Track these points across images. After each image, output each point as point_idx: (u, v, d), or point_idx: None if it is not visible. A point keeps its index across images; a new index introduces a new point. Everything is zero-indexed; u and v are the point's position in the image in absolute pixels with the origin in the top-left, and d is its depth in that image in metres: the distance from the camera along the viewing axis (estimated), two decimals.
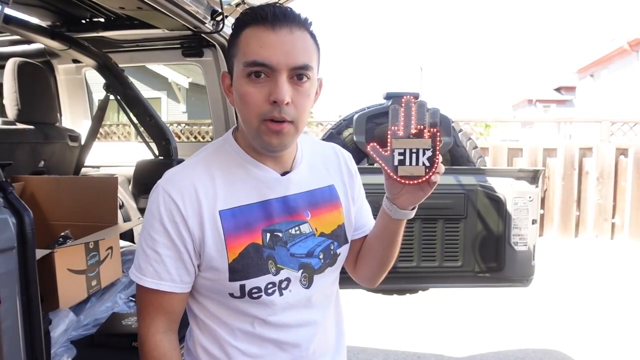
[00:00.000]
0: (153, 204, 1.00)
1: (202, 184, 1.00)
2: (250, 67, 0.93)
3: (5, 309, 0.93)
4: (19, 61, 2.29)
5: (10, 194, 1.05)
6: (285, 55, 0.93)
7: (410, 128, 0.96)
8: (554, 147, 6.79)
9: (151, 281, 0.99)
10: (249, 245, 1.01)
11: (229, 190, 1.02)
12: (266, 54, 0.93)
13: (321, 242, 1.09)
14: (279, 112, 0.94)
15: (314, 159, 1.13)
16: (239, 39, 0.97)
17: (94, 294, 1.90)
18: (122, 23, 2.32)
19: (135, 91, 2.65)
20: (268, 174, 1.04)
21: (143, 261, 1.00)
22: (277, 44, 0.93)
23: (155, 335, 1.01)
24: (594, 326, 3.82)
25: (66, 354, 1.54)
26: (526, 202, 2.22)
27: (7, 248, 0.99)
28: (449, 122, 2.44)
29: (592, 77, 18.63)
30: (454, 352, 3.37)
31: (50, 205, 2.03)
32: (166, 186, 1.00)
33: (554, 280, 4.85)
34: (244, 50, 0.95)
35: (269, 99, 0.93)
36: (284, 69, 0.93)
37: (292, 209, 1.06)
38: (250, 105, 0.95)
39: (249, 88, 0.94)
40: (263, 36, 0.94)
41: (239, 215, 1.01)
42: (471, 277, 2.29)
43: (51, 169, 2.47)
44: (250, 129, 0.98)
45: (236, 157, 1.04)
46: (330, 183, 1.15)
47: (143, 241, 1.01)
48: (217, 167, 1.03)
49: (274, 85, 0.93)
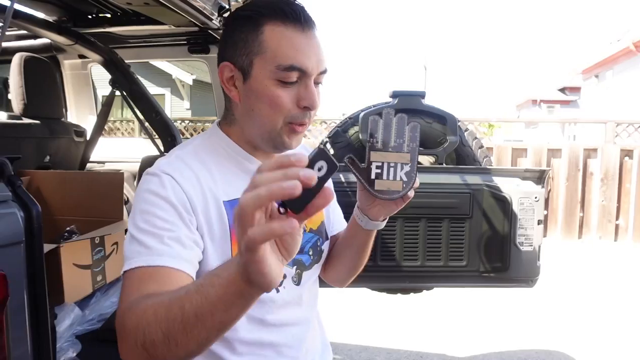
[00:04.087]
0: (150, 186, 0.90)
1: (200, 172, 0.95)
2: (287, 71, 0.91)
3: (13, 302, 0.93)
4: (25, 56, 2.29)
5: (19, 187, 1.05)
6: (317, 61, 0.93)
7: (390, 141, 0.93)
8: (559, 148, 6.77)
9: (143, 259, 0.83)
10: None
11: (226, 182, 0.97)
12: (302, 59, 0.91)
13: (310, 239, 1.09)
14: (308, 117, 0.95)
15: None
16: (263, 36, 0.92)
17: (99, 289, 1.91)
18: (128, 19, 2.31)
19: (141, 87, 2.65)
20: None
21: (134, 245, 0.85)
22: (310, 48, 0.93)
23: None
24: (597, 328, 3.81)
25: (71, 348, 1.55)
26: (532, 203, 2.21)
27: (15, 242, 0.99)
28: (455, 120, 2.43)
29: (596, 77, 18.57)
30: (457, 351, 3.37)
31: (56, 200, 2.03)
32: (166, 170, 0.92)
33: (558, 281, 4.84)
34: (274, 51, 0.91)
35: (298, 103, 0.93)
36: (314, 74, 0.94)
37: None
38: (279, 107, 0.93)
39: (279, 91, 0.92)
40: (296, 39, 0.92)
41: None
42: (476, 277, 2.28)
43: (56, 163, 2.47)
44: (271, 129, 0.95)
45: (228, 150, 1.01)
46: None
47: (132, 226, 0.87)
48: (209, 158, 0.99)
49: (304, 90, 0.93)
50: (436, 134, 2.42)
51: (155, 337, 0.70)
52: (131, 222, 0.89)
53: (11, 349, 0.93)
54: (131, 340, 0.72)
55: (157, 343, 0.70)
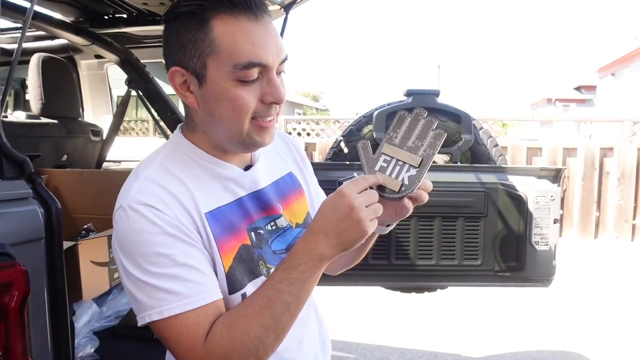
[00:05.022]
0: (135, 227, 0.82)
1: (175, 188, 0.87)
2: (245, 69, 0.83)
3: (33, 299, 0.94)
4: (43, 56, 2.33)
5: (39, 185, 1.06)
6: (276, 50, 0.85)
7: (408, 140, 0.90)
8: (574, 147, 6.70)
9: (200, 298, 0.82)
10: (240, 247, 0.92)
11: (202, 192, 0.90)
12: (261, 53, 0.83)
13: (298, 234, 1.03)
14: (274, 110, 0.88)
15: (267, 149, 1.02)
16: (212, 33, 0.83)
17: (116, 286, 1.93)
18: (144, 19, 2.34)
19: (156, 86, 2.67)
20: (231, 170, 0.94)
21: (152, 293, 0.81)
22: (267, 38, 0.84)
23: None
24: (612, 328, 3.77)
25: (89, 344, 1.57)
26: (548, 201, 2.19)
27: (36, 238, 1.00)
28: (469, 119, 2.42)
29: (613, 76, 18.36)
30: (471, 351, 3.35)
31: (73, 198, 2.06)
32: (142, 200, 0.83)
33: (573, 281, 4.79)
34: (228, 49, 0.82)
35: (262, 99, 0.86)
36: (275, 66, 0.86)
37: (266, 204, 0.99)
38: (242, 109, 0.85)
39: (240, 91, 0.84)
40: (251, 30, 0.83)
41: (221, 217, 0.90)
42: (491, 276, 2.27)
43: (73, 162, 2.50)
44: (238, 132, 0.87)
45: (194, 158, 0.93)
46: (288, 170, 1.09)
47: (155, 268, 0.81)
48: (180, 171, 0.90)
49: (267, 84, 0.86)
50: (451, 132, 2.41)
51: (268, 341, 0.82)
52: (134, 269, 0.82)
53: (34, 345, 0.95)
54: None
55: (270, 344, 0.83)
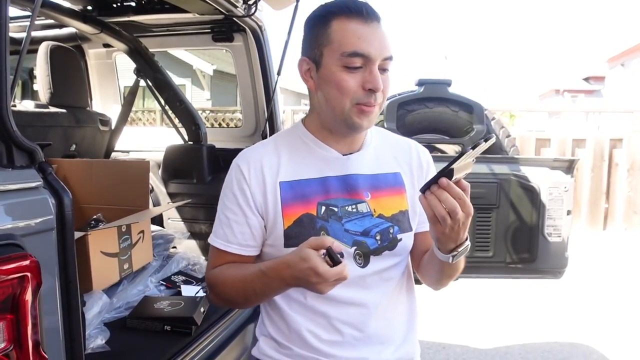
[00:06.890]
0: (228, 176, 1.16)
1: (268, 159, 1.15)
2: (351, 57, 1.04)
3: (46, 290, 0.93)
4: (51, 45, 2.30)
5: (50, 174, 1.05)
6: (380, 47, 1.05)
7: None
8: (583, 138, 6.65)
9: (220, 242, 1.15)
10: (303, 215, 1.12)
11: (292, 166, 1.14)
12: (364, 46, 1.04)
13: (379, 224, 1.14)
14: (373, 99, 1.06)
15: (383, 147, 1.22)
16: (330, 30, 1.07)
17: (126, 277, 1.92)
18: (153, 7, 2.31)
19: (165, 76, 2.64)
20: (329, 153, 1.15)
21: (217, 224, 1.17)
22: (372, 36, 1.05)
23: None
24: (621, 320, 3.75)
25: (100, 335, 1.56)
26: (561, 192, 2.17)
27: (47, 229, 0.99)
28: (482, 109, 2.39)
29: (622, 66, 18.19)
30: (479, 343, 3.34)
31: (82, 188, 2.04)
32: (238, 160, 1.16)
33: (582, 273, 4.75)
34: (339, 40, 1.05)
35: (363, 86, 1.05)
36: (378, 60, 1.05)
37: (351, 188, 1.14)
38: (345, 90, 1.05)
39: (345, 75, 1.05)
40: (359, 29, 1.05)
41: (297, 188, 1.13)
42: (502, 268, 2.25)
43: (82, 152, 2.49)
44: (341, 111, 1.08)
45: (303, 138, 1.17)
46: (397, 170, 1.21)
47: (219, 208, 1.17)
48: (284, 146, 1.17)
49: (368, 74, 1.05)
50: (462, 122, 2.39)
51: (237, 301, 1.19)
52: (219, 201, 1.18)
53: (45, 336, 0.93)
54: (217, 295, 1.16)
55: (238, 303, 1.41)
